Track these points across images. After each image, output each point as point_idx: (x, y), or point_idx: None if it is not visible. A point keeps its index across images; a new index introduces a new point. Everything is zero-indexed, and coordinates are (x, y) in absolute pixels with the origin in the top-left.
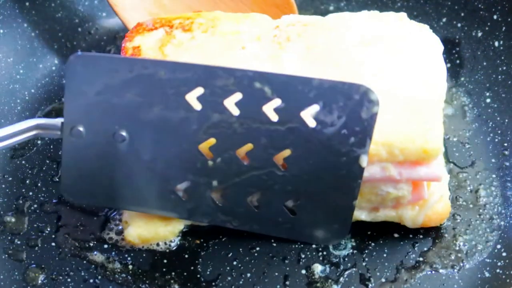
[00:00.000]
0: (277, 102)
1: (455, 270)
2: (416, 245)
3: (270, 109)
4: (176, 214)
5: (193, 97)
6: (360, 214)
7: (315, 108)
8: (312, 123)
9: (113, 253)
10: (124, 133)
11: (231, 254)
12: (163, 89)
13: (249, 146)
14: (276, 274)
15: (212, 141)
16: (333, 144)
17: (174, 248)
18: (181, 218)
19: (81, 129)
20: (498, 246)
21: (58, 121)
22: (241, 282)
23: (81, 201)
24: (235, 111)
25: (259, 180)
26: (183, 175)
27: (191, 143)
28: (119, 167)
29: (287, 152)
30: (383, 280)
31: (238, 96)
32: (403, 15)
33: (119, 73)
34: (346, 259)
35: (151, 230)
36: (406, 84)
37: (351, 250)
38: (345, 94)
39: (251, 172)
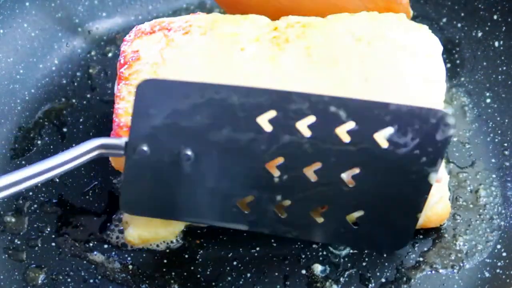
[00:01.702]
0: (351, 125)
1: (455, 270)
2: (416, 245)
3: (342, 130)
4: (237, 225)
5: (264, 119)
6: None
7: (389, 130)
8: (384, 144)
9: (113, 253)
10: (189, 153)
11: (231, 254)
12: (234, 112)
13: (317, 164)
14: (276, 274)
15: (279, 159)
16: (404, 163)
17: (174, 248)
18: (241, 229)
19: (145, 148)
20: (498, 246)
21: (122, 140)
22: (241, 282)
23: (140, 214)
24: (307, 133)
25: (325, 195)
26: (247, 191)
27: (258, 162)
28: (181, 184)
29: (355, 170)
30: (383, 280)
31: (311, 119)
32: (402, 15)
33: (189, 98)
34: (346, 259)
35: (151, 231)
36: (405, 85)
37: (351, 250)
38: (422, 118)
39: (317, 188)
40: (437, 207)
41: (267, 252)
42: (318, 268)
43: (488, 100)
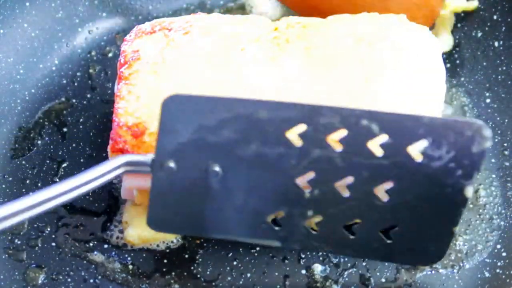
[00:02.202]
0: (383, 138)
1: (455, 270)
2: None
3: (375, 144)
4: (268, 241)
5: (293, 134)
6: None
7: (423, 143)
8: (418, 157)
9: (113, 253)
10: (217, 169)
11: (231, 254)
12: (263, 127)
13: (349, 179)
14: (276, 274)
15: (310, 174)
16: (438, 176)
17: (174, 248)
18: (273, 245)
19: (172, 165)
20: (498, 246)
21: (148, 157)
22: (241, 282)
23: (168, 231)
24: (338, 147)
25: (357, 210)
26: (277, 207)
27: (288, 177)
28: (209, 201)
29: (389, 184)
30: (383, 280)
31: (342, 132)
32: (402, 16)
33: (216, 113)
34: (346, 259)
35: (151, 231)
36: (405, 86)
37: None
38: (457, 130)
39: (349, 203)
40: None
41: (267, 252)
42: (318, 268)
43: (488, 100)
